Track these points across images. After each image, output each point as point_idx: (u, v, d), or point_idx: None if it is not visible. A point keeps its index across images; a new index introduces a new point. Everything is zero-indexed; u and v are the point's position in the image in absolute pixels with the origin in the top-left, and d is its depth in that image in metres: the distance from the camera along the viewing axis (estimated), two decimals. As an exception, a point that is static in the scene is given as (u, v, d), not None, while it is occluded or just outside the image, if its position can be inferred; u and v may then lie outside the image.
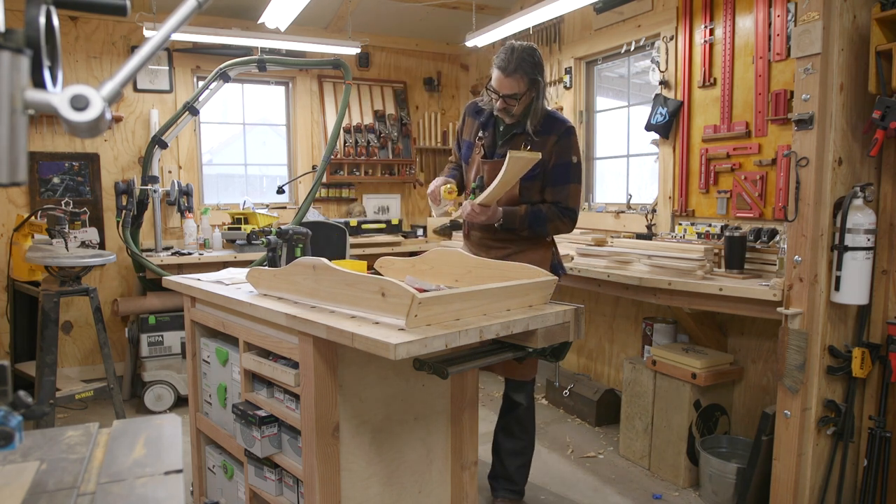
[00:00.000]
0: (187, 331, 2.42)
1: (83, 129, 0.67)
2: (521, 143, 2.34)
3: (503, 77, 2.24)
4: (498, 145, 2.40)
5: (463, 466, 2.09)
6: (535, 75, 2.26)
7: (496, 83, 2.27)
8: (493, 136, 2.42)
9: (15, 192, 4.06)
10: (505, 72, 2.23)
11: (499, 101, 2.29)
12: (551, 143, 2.32)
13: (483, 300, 1.68)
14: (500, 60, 2.25)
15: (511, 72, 2.22)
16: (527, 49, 2.27)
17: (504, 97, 2.27)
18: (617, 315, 3.90)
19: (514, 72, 2.22)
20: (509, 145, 2.36)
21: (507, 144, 2.37)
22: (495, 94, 2.28)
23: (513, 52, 2.24)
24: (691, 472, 2.92)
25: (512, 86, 2.24)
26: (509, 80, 2.24)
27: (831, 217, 2.28)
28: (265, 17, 3.82)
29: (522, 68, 2.23)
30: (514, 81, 2.24)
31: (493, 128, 2.42)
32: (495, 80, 2.27)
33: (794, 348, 2.30)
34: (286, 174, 5.11)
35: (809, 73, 2.23)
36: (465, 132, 2.53)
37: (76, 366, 4.31)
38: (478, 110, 2.49)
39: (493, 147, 2.42)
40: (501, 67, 2.24)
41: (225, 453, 2.29)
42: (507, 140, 2.38)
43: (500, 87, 2.26)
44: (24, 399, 0.73)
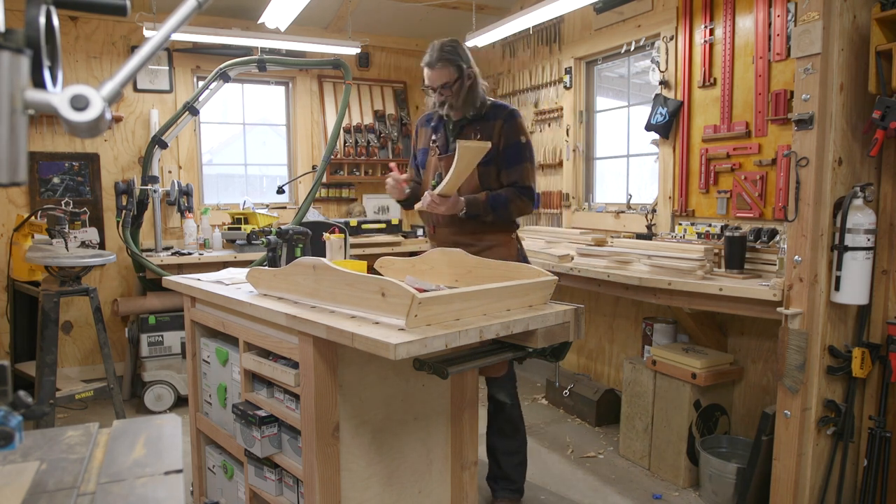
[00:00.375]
0: (187, 331, 2.42)
1: (83, 129, 0.67)
2: (471, 132, 2.46)
3: (430, 71, 2.39)
4: (450, 141, 2.51)
5: (463, 466, 2.09)
6: (459, 62, 2.40)
7: (427, 79, 2.42)
8: (445, 135, 2.53)
9: (15, 192, 4.06)
10: (430, 65, 2.39)
11: (435, 95, 2.42)
12: (498, 128, 2.43)
13: (483, 300, 1.67)
14: (426, 57, 2.41)
15: (434, 62, 2.37)
16: (448, 41, 2.42)
17: (438, 90, 2.41)
18: (617, 315, 3.90)
19: (436, 62, 2.37)
20: (460, 138, 2.45)
21: (458, 138, 2.47)
22: (431, 90, 2.43)
23: (434, 47, 2.40)
24: (691, 472, 2.92)
25: (440, 76, 2.38)
26: (436, 71, 2.38)
27: (831, 217, 2.28)
28: (265, 17, 3.82)
29: (444, 58, 2.37)
30: (440, 72, 2.38)
31: (444, 128, 2.54)
32: (426, 77, 2.42)
33: (794, 348, 2.30)
34: (286, 174, 5.11)
35: (809, 73, 2.23)
36: (419, 143, 2.66)
37: (76, 366, 4.31)
38: (427, 119, 2.64)
39: (447, 144, 2.53)
40: (427, 62, 2.40)
41: (225, 453, 2.29)
42: (457, 134, 2.49)
43: (431, 80, 2.40)
44: (24, 399, 0.73)
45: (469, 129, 2.47)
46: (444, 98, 2.41)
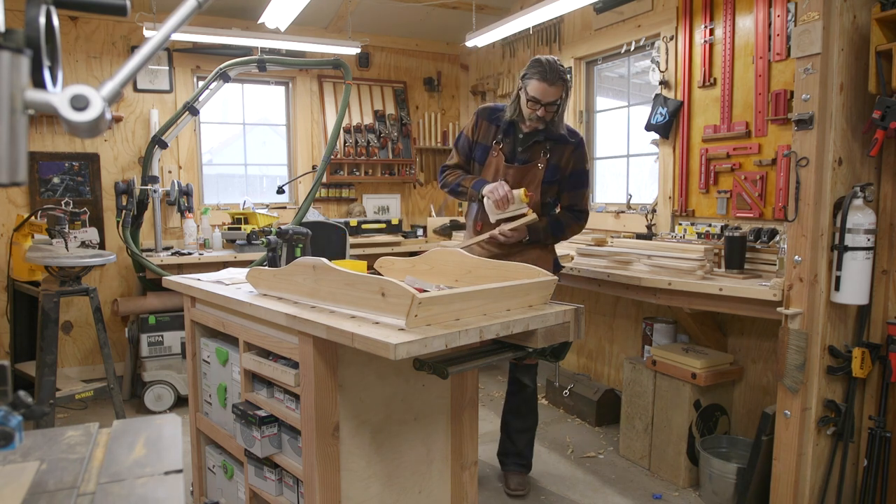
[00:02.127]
0: (187, 331, 2.42)
1: (83, 129, 0.67)
2: (541, 151, 2.58)
3: (548, 87, 2.43)
4: (518, 151, 2.60)
5: (463, 466, 2.09)
6: (569, 83, 2.51)
7: (539, 93, 2.44)
8: (513, 143, 2.60)
9: (15, 192, 4.06)
10: (549, 82, 2.42)
11: (541, 110, 2.46)
12: (569, 152, 2.59)
13: (483, 300, 1.68)
14: (542, 72, 2.43)
15: (554, 81, 2.42)
16: (558, 61, 2.48)
17: (546, 105, 2.46)
18: (617, 315, 3.90)
19: (555, 81, 2.43)
20: (530, 152, 2.59)
21: (527, 151, 2.59)
22: (536, 103, 2.45)
23: (550, 64, 2.44)
24: (691, 472, 2.92)
25: (555, 93, 2.45)
26: (553, 88, 2.43)
27: (831, 217, 2.28)
28: (265, 17, 3.82)
29: (561, 77, 2.45)
30: (556, 90, 2.44)
31: (513, 135, 2.60)
32: (538, 90, 2.44)
33: (794, 348, 2.30)
34: (286, 174, 5.11)
35: (809, 73, 2.23)
36: (479, 135, 2.67)
37: (76, 366, 4.31)
38: (495, 115, 2.64)
39: (514, 153, 2.61)
40: (545, 78, 2.42)
41: (225, 453, 2.29)
42: (528, 147, 2.58)
43: (545, 96, 2.44)
44: (24, 399, 0.73)
45: (540, 148, 2.58)
46: (548, 114, 2.48)
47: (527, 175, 2.58)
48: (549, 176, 2.57)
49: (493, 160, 2.63)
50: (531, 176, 2.58)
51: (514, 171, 2.59)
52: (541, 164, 2.57)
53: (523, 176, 2.58)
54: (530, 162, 2.58)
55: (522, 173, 2.58)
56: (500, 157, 2.62)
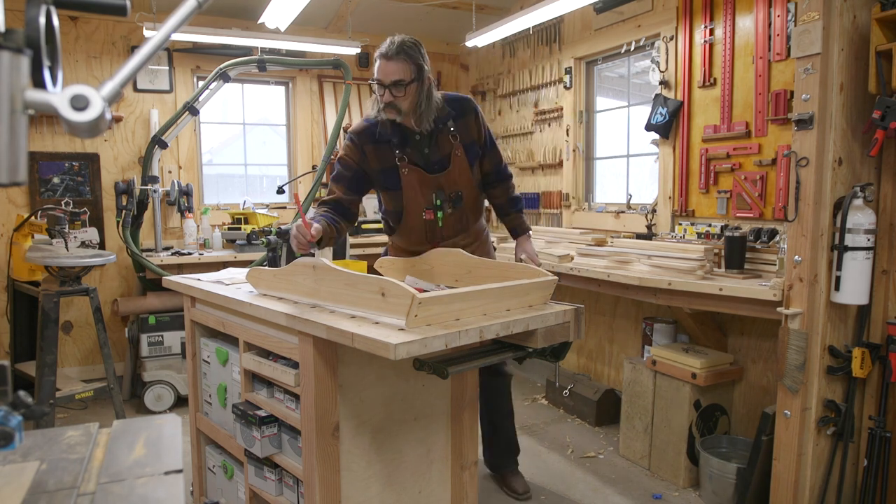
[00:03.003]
0: (187, 331, 2.42)
1: (83, 129, 0.67)
2: (448, 138, 2.29)
3: (386, 62, 2.13)
4: (426, 153, 2.30)
5: (463, 466, 2.09)
6: (420, 61, 2.16)
7: (380, 72, 2.15)
8: (415, 147, 2.29)
9: (15, 192, 4.06)
10: (386, 56, 2.13)
11: (385, 94, 2.15)
12: (472, 122, 2.35)
13: (483, 300, 1.68)
14: (382, 48, 2.15)
15: (394, 54, 2.12)
16: (410, 38, 2.19)
17: (390, 87, 2.13)
18: (617, 315, 3.90)
19: (396, 54, 2.12)
20: (438, 146, 2.30)
21: (436, 148, 2.30)
22: (380, 86, 2.15)
23: (394, 40, 2.16)
24: (691, 472, 2.92)
25: (397, 70, 2.12)
26: (392, 63, 2.12)
27: (831, 217, 2.28)
28: (265, 17, 3.82)
29: (405, 52, 2.13)
30: (398, 65, 2.12)
31: (409, 139, 2.29)
32: (378, 69, 2.15)
33: (794, 348, 2.30)
34: (286, 174, 5.11)
35: (809, 73, 2.23)
36: (373, 163, 2.31)
37: (76, 366, 4.31)
38: (368, 135, 2.30)
39: (424, 157, 2.30)
40: (383, 53, 2.14)
41: (225, 453, 2.29)
42: (433, 143, 2.30)
43: (385, 73, 2.13)
44: (24, 399, 0.73)
45: (445, 135, 2.30)
46: (395, 99, 2.15)
47: (455, 170, 2.32)
48: (471, 156, 2.34)
49: (409, 177, 2.29)
50: (459, 167, 2.32)
51: (443, 178, 2.31)
52: (458, 151, 2.30)
53: (458, 176, 2.33)
54: (449, 156, 2.30)
55: (454, 174, 2.31)
56: (413, 170, 2.29)
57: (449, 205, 2.36)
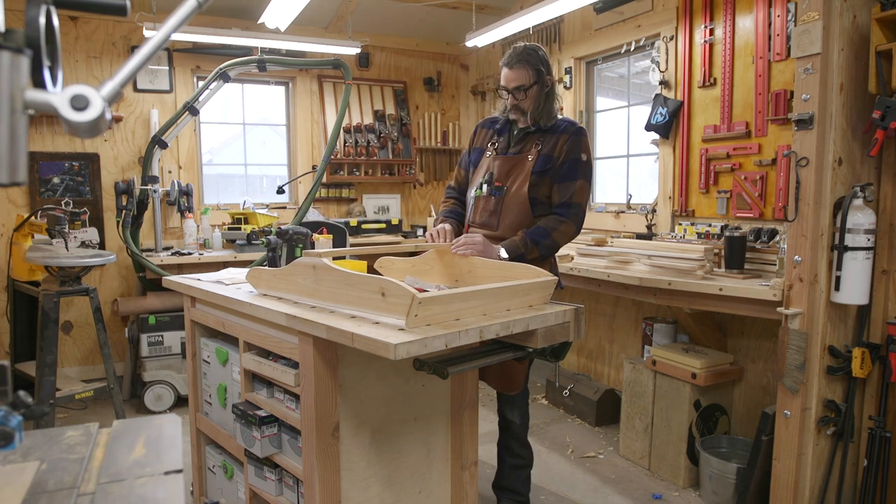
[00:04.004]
0: (187, 331, 2.42)
1: (83, 129, 0.67)
2: (534, 142, 2.39)
3: (508, 70, 2.34)
4: (510, 146, 2.46)
5: (463, 466, 2.09)
6: (539, 66, 2.34)
7: (503, 79, 2.37)
8: (508, 140, 2.48)
9: (15, 192, 4.06)
10: (508, 65, 2.34)
11: (509, 98, 2.36)
12: (562, 142, 2.34)
13: (483, 300, 1.67)
14: (505, 57, 2.37)
15: (514, 63, 2.32)
16: (530, 45, 2.37)
17: (512, 91, 2.34)
18: (617, 315, 3.90)
19: (516, 63, 2.32)
20: (521, 144, 2.42)
21: (519, 143, 2.43)
22: (504, 90, 2.37)
23: (515, 49, 2.35)
24: (691, 472, 2.92)
25: (517, 77, 2.32)
26: (513, 71, 2.33)
27: (831, 217, 2.28)
28: (265, 17, 3.82)
29: (525, 60, 2.32)
30: (518, 72, 2.32)
31: (508, 133, 2.49)
32: (503, 77, 2.37)
33: (794, 348, 2.30)
34: (286, 174, 5.11)
35: (809, 73, 2.23)
36: (476, 141, 2.60)
37: (76, 366, 4.31)
38: (492, 122, 2.56)
39: (507, 148, 2.48)
40: (505, 62, 2.35)
41: (225, 453, 2.29)
42: (520, 139, 2.43)
43: (507, 80, 2.35)
44: (24, 399, 0.73)
45: (532, 140, 2.39)
46: (518, 101, 2.35)
47: (515, 166, 2.38)
48: (539, 166, 2.32)
49: (486, 159, 2.50)
50: (519, 167, 2.37)
51: (500, 161, 2.42)
52: (531, 155, 2.36)
53: (511, 167, 2.38)
54: (521, 153, 2.40)
55: (510, 164, 2.39)
56: (492, 154, 2.49)
57: (488, 188, 2.43)
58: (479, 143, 2.58)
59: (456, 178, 2.69)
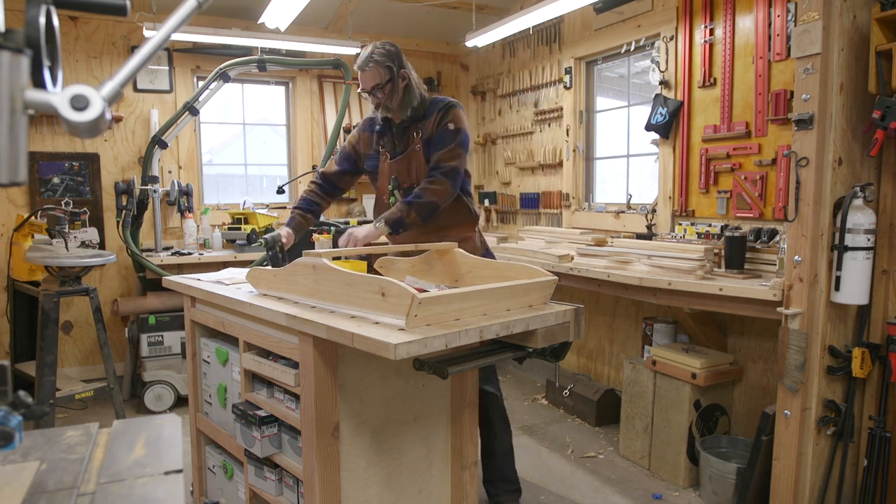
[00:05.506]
0: (187, 331, 2.42)
1: (83, 129, 0.67)
2: (412, 133, 2.49)
3: (361, 73, 2.44)
4: (395, 144, 2.53)
5: (463, 466, 2.09)
6: (389, 63, 2.43)
7: (361, 83, 2.46)
8: (392, 139, 2.54)
9: (15, 192, 4.06)
10: (360, 69, 2.43)
11: (372, 98, 2.46)
12: (436, 120, 2.47)
13: (483, 300, 1.67)
14: (357, 61, 2.45)
15: (363, 66, 2.41)
16: (379, 44, 2.45)
17: (370, 92, 2.44)
18: (617, 315, 3.90)
19: (366, 65, 2.41)
20: (405, 140, 2.51)
21: (403, 139, 2.51)
22: (365, 92, 2.46)
23: (365, 51, 2.44)
24: (691, 472, 2.92)
25: (371, 78, 2.41)
26: (366, 73, 2.42)
27: (831, 217, 2.28)
28: (265, 17, 3.82)
29: (374, 60, 2.40)
30: (370, 73, 2.41)
31: (391, 131, 2.55)
32: (360, 80, 2.46)
33: (794, 348, 2.30)
34: (286, 174, 5.11)
35: (809, 73, 2.23)
36: (362, 146, 2.64)
37: (76, 366, 4.31)
38: (371, 123, 2.62)
39: (394, 147, 2.54)
40: (357, 66, 2.44)
41: (225, 453, 2.29)
42: (402, 135, 2.51)
43: (363, 83, 2.45)
44: (24, 399, 0.73)
45: (411, 131, 2.50)
46: (379, 100, 2.45)
47: (410, 162, 2.46)
48: (428, 153, 2.43)
49: (384, 164, 2.54)
50: (414, 161, 2.45)
51: (395, 164, 2.49)
52: (417, 145, 2.45)
53: (407, 165, 2.46)
54: (407, 149, 2.48)
55: (405, 163, 2.47)
56: (385, 157, 2.54)
57: (400, 193, 2.50)
58: (365, 147, 2.62)
59: (328, 169, 2.70)
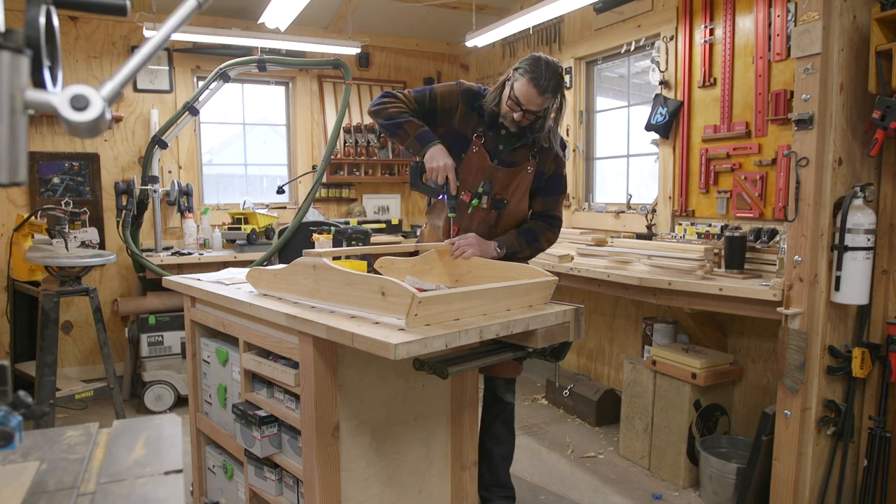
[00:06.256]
0: (187, 331, 2.42)
1: (83, 129, 0.67)
2: (528, 155, 2.32)
3: (537, 94, 2.11)
4: (500, 150, 2.31)
5: (463, 466, 2.09)
6: (563, 92, 2.23)
7: (525, 98, 2.13)
8: (495, 139, 2.31)
9: (15, 192, 4.06)
10: (539, 88, 2.10)
11: (518, 114, 2.17)
12: (552, 157, 2.34)
13: (483, 300, 1.67)
14: (536, 76, 2.10)
15: (544, 90, 2.11)
16: (559, 68, 2.16)
17: (527, 111, 2.16)
18: (617, 315, 3.90)
19: (546, 90, 2.11)
20: (515, 154, 2.31)
21: (512, 152, 2.31)
22: (516, 104, 2.15)
23: (548, 69, 2.11)
24: (691, 472, 2.92)
25: (541, 103, 2.15)
26: (542, 98, 2.13)
27: (831, 217, 2.28)
28: (265, 17, 3.82)
29: (556, 89, 2.14)
30: (545, 100, 2.15)
31: (496, 130, 2.30)
32: (525, 94, 2.12)
33: (794, 348, 2.30)
34: (286, 174, 5.11)
35: (809, 73, 2.23)
36: (458, 119, 2.31)
37: (76, 366, 4.31)
38: (477, 102, 2.31)
39: (496, 151, 2.31)
40: (537, 84, 2.10)
41: (225, 453, 2.29)
42: (513, 148, 2.31)
43: (530, 102, 2.13)
44: (24, 399, 0.73)
45: (526, 152, 2.31)
46: (525, 121, 2.19)
47: (515, 179, 2.30)
48: (535, 183, 2.33)
49: (474, 156, 2.29)
50: (519, 180, 2.31)
51: (502, 174, 2.28)
52: (529, 167, 2.30)
53: (511, 180, 2.30)
54: (517, 165, 2.30)
55: (510, 177, 2.29)
56: (481, 152, 2.28)
57: (488, 200, 2.30)
58: (460, 123, 2.31)
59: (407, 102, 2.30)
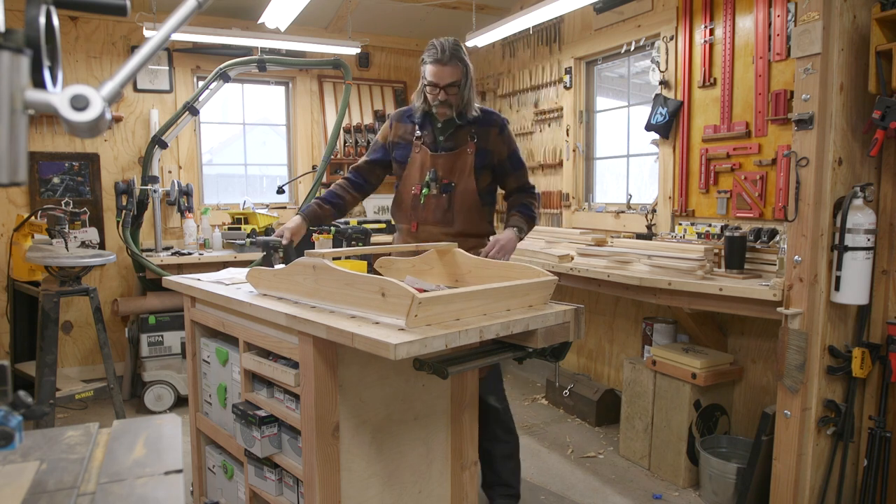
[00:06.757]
0: (187, 331, 2.42)
1: (83, 129, 0.67)
2: (467, 136, 2.46)
3: (441, 67, 2.34)
4: (440, 140, 2.48)
5: (463, 466, 2.09)
6: (466, 60, 2.39)
7: (435, 76, 2.35)
8: (433, 134, 2.49)
9: (15, 192, 4.06)
10: (442, 62, 2.33)
11: (440, 93, 2.36)
12: (494, 135, 2.48)
13: (483, 300, 1.67)
14: (434, 53, 2.34)
15: (447, 60, 2.33)
16: (453, 40, 2.38)
17: (445, 88, 2.36)
18: (617, 315, 3.90)
19: (450, 60, 2.33)
20: (454, 139, 2.47)
21: (451, 138, 2.47)
22: (435, 87, 2.36)
23: (444, 45, 2.34)
24: (691, 472, 2.92)
25: (452, 74, 2.35)
26: (448, 68, 2.34)
27: (831, 217, 2.28)
28: (265, 17, 3.82)
29: (457, 56, 2.34)
30: (452, 69, 2.34)
31: (431, 126, 2.50)
32: (433, 73, 2.36)
33: (794, 348, 2.30)
34: (286, 174, 5.11)
35: (809, 73, 2.23)
36: (395, 135, 2.57)
37: (76, 366, 4.31)
38: (406, 115, 2.57)
39: (436, 143, 2.49)
40: (438, 59, 2.33)
41: (225, 453, 2.29)
42: (451, 134, 2.47)
43: (441, 77, 2.35)
44: (24, 399, 0.73)
45: (464, 133, 2.46)
46: (449, 97, 2.38)
47: (457, 161, 2.46)
48: (479, 161, 2.46)
49: (417, 155, 2.50)
50: (461, 162, 2.46)
51: (442, 159, 2.45)
52: (469, 149, 2.45)
53: (454, 163, 2.45)
54: (457, 148, 2.46)
55: (452, 160, 2.45)
56: (423, 149, 2.48)
57: (435, 186, 2.46)
58: (396, 136, 2.56)
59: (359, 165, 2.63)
